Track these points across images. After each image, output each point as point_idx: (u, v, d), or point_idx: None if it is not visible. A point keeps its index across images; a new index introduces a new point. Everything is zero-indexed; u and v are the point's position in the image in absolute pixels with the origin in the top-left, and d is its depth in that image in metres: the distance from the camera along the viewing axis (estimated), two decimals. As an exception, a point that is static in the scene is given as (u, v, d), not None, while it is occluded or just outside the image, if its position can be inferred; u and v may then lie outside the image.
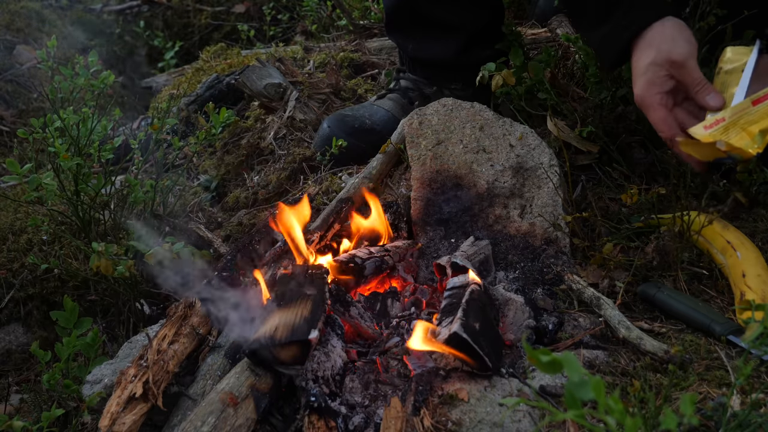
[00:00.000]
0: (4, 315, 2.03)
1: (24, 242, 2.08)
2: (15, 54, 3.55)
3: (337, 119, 2.12)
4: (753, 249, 1.55)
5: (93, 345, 1.61)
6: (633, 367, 1.36)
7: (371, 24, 2.99)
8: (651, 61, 1.47)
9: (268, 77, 2.42)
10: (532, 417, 1.25)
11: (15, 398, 1.84)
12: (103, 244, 1.73)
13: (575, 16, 1.77)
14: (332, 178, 2.04)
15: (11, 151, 2.95)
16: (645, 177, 1.84)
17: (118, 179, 2.06)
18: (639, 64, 1.49)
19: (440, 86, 2.15)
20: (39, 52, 1.93)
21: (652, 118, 1.49)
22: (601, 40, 1.58)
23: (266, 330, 1.32)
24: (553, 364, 0.72)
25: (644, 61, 1.48)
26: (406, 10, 2.09)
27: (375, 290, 1.64)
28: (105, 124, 1.88)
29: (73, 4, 4.32)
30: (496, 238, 1.70)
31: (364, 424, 1.27)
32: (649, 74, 1.47)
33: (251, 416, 1.27)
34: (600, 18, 1.55)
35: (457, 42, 2.06)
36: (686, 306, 1.48)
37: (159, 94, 3.18)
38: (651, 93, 1.47)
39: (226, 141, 2.37)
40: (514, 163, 1.76)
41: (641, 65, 1.48)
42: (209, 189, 2.30)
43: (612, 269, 1.61)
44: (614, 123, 1.89)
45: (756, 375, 1.30)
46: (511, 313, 1.48)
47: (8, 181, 1.99)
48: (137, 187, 1.92)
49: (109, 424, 1.26)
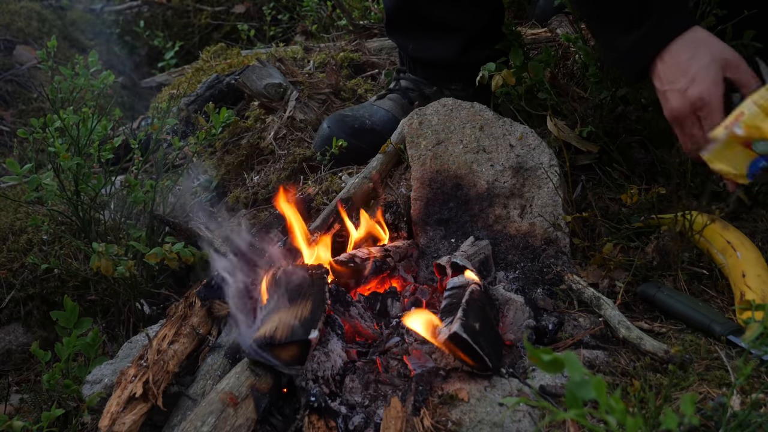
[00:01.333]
0: (4, 315, 2.03)
1: (24, 242, 2.08)
2: (15, 54, 3.55)
3: (337, 119, 2.12)
4: (753, 249, 1.55)
5: (93, 345, 1.61)
6: (633, 367, 1.36)
7: (371, 24, 2.99)
8: (711, 60, 1.36)
9: (268, 77, 2.42)
10: (532, 417, 1.25)
11: (15, 398, 1.84)
12: (104, 245, 1.73)
13: (597, 20, 1.62)
14: (332, 178, 2.04)
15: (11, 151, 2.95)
16: (645, 177, 1.84)
17: (118, 179, 2.06)
18: (694, 64, 1.37)
19: (440, 86, 2.15)
20: (39, 52, 1.93)
21: (716, 120, 1.38)
22: (630, 47, 1.47)
23: (266, 330, 1.32)
24: (555, 363, 0.72)
25: (702, 61, 1.37)
26: (406, 11, 2.09)
27: (375, 290, 1.64)
28: (105, 124, 1.88)
29: (73, 4, 4.32)
30: (496, 238, 1.70)
31: (364, 424, 1.27)
32: (712, 73, 1.36)
33: (251, 416, 1.27)
34: (631, 23, 1.45)
35: (458, 42, 2.06)
36: (686, 306, 1.48)
37: (159, 94, 3.18)
38: (718, 94, 1.37)
39: (226, 141, 2.37)
40: (514, 163, 1.76)
41: (699, 65, 1.37)
42: (209, 189, 2.30)
43: (612, 269, 1.61)
44: (614, 123, 1.89)
45: (756, 375, 1.30)
46: (511, 313, 1.48)
47: (8, 181, 1.99)
48: (137, 187, 1.92)
49: (109, 424, 1.26)
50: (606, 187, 1.85)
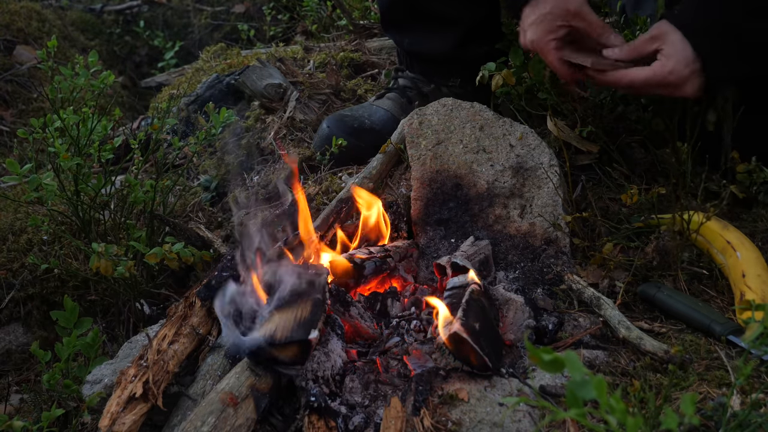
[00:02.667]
0: (4, 315, 2.02)
1: (24, 242, 2.08)
2: (15, 54, 3.55)
3: (337, 119, 2.12)
4: (753, 249, 1.56)
5: (93, 345, 1.61)
6: (633, 367, 1.36)
7: (371, 24, 2.99)
8: (548, 11, 1.62)
9: (269, 77, 2.42)
10: (532, 417, 1.25)
11: (15, 398, 1.84)
12: (103, 245, 1.73)
13: None
14: (332, 178, 2.04)
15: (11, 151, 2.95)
16: (645, 177, 1.84)
17: (118, 179, 2.06)
18: (536, 12, 1.64)
19: (438, 83, 2.15)
20: (39, 52, 1.92)
21: (550, 59, 1.66)
22: None
23: (266, 330, 1.32)
24: (555, 363, 0.72)
25: (539, 11, 1.63)
26: (401, 4, 2.10)
27: (375, 290, 1.64)
28: (105, 124, 1.88)
29: (73, 4, 4.32)
30: (496, 238, 1.70)
31: (364, 424, 1.27)
32: (546, 23, 1.63)
33: (251, 416, 1.27)
34: None
35: (454, 35, 2.06)
36: (686, 306, 1.48)
37: (159, 94, 3.18)
38: (546, 39, 1.64)
39: (226, 141, 2.37)
40: (514, 163, 1.76)
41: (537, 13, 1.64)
42: (209, 189, 2.30)
43: (612, 269, 1.61)
44: (614, 123, 1.89)
45: (756, 375, 1.30)
46: (511, 313, 1.48)
47: (8, 181, 1.99)
48: (137, 187, 1.92)
49: (109, 424, 1.25)
50: (606, 187, 1.85)
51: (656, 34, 1.58)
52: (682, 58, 1.53)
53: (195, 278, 1.95)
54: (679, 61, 1.54)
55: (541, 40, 1.64)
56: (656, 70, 1.55)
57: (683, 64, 1.53)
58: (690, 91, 1.57)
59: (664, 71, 1.55)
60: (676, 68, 1.54)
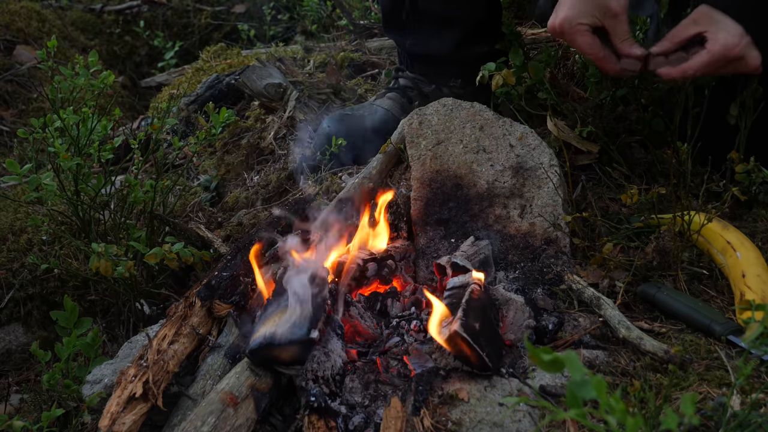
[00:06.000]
0: (4, 315, 2.02)
1: (24, 242, 2.08)
2: (15, 54, 3.55)
3: (337, 119, 2.12)
4: (753, 249, 1.55)
5: (93, 345, 1.61)
6: (633, 367, 1.36)
7: (371, 24, 2.99)
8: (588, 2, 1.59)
9: (269, 77, 2.42)
10: (532, 417, 1.25)
11: (15, 398, 1.84)
12: (103, 245, 1.73)
13: None
14: (332, 178, 2.04)
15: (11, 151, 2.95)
16: (645, 177, 1.84)
17: (118, 179, 2.06)
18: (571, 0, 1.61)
19: (438, 83, 2.15)
20: (39, 52, 1.92)
21: (580, 41, 1.62)
22: None
23: (266, 330, 1.32)
24: (555, 362, 0.72)
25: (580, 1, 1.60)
26: (402, 4, 2.10)
27: (375, 290, 1.64)
28: (105, 124, 1.88)
29: (73, 4, 4.32)
30: (496, 238, 1.70)
31: (364, 424, 1.27)
32: (584, 8, 1.59)
33: (251, 416, 1.27)
34: None
35: (455, 35, 2.06)
36: (686, 306, 1.48)
37: (159, 94, 3.18)
38: (578, 22, 1.60)
39: (226, 141, 2.38)
40: (514, 163, 1.76)
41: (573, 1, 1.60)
42: (209, 189, 2.30)
43: (612, 269, 1.61)
44: (614, 123, 1.89)
45: (756, 375, 1.30)
46: (511, 313, 1.48)
47: (8, 181, 1.99)
48: (137, 187, 1.92)
49: (109, 424, 1.26)
50: (606, 187, 1.85)
51: (697, 18, 1.56)
52: (731, 32, 1.52)
53: (195, 278, 1.95)
54: (728, 35, 1.52)
55: (573, 21, 1.61)
56: (712, 50, 1.53)
57: (737, 37, 1.52)
58: (754, 63, 1.55)
59: (719, 48, 1.52)
60: (730, 42, 1.52)
